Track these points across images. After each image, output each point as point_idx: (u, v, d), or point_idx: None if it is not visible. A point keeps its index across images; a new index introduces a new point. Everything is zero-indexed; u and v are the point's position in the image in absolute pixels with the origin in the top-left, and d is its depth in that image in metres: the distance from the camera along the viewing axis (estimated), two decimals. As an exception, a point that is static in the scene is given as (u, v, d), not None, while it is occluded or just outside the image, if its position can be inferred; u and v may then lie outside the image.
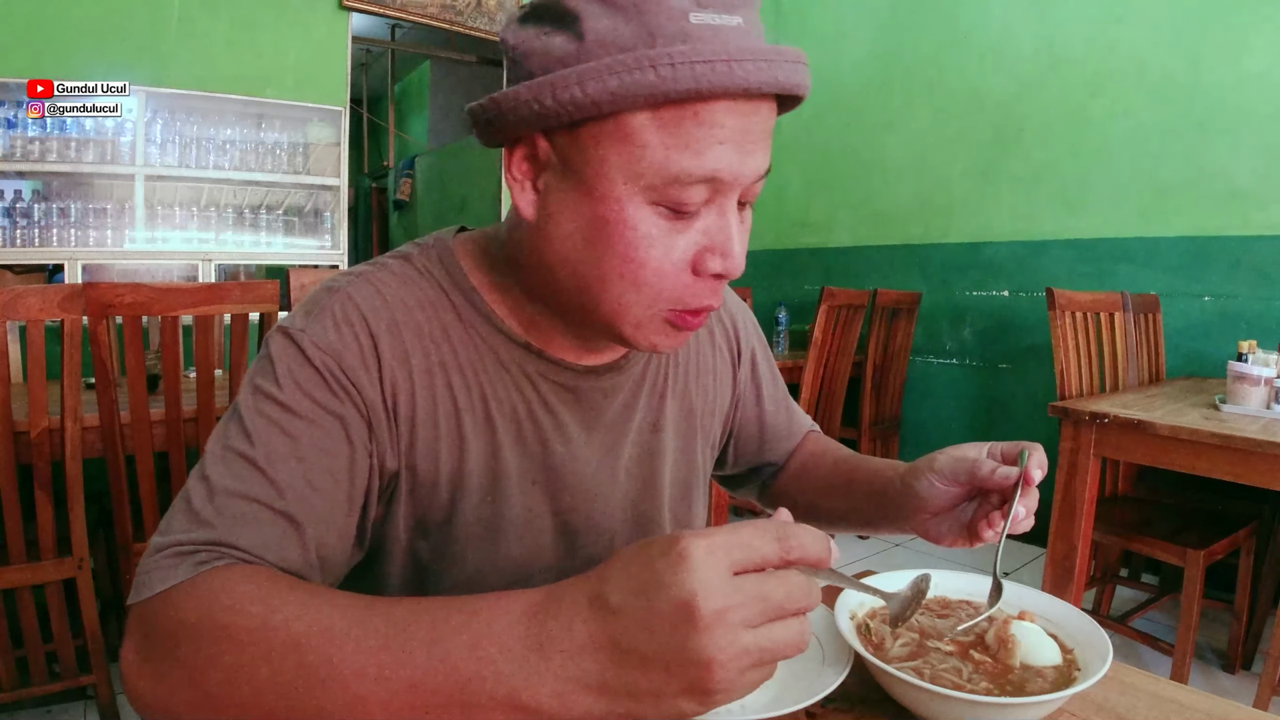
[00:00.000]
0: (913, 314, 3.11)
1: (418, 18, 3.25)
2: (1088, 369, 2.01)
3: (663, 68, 0.45)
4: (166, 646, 0.42)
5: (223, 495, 0.48)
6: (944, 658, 0.54)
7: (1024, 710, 0.48)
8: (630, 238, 0.49)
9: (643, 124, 0.47)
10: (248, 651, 0.40)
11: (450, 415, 0.57)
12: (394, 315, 0.55)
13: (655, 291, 0.51)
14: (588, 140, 0.49)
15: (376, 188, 7.27)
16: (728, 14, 0.47)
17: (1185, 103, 2.53)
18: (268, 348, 0.53)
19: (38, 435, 1.41)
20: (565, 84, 0.47)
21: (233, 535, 0.46)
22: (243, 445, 0.49)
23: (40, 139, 2.52)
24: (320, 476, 0.50)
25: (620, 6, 0.47)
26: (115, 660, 1.90)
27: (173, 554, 0.45)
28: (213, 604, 0.42)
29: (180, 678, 0.41)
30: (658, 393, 0.69)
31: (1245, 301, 2.43)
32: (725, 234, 0.51)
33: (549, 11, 0.49)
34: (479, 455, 0.58)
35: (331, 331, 0.53)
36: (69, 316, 1.39)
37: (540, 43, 0.49)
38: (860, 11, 3.55)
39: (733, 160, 0.49)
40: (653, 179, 0.48)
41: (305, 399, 0.51)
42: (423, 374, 0.56)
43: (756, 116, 0.49)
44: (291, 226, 3.11)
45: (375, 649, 0.38)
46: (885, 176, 3.45)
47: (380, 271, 0.58)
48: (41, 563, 1.45)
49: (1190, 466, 1.54)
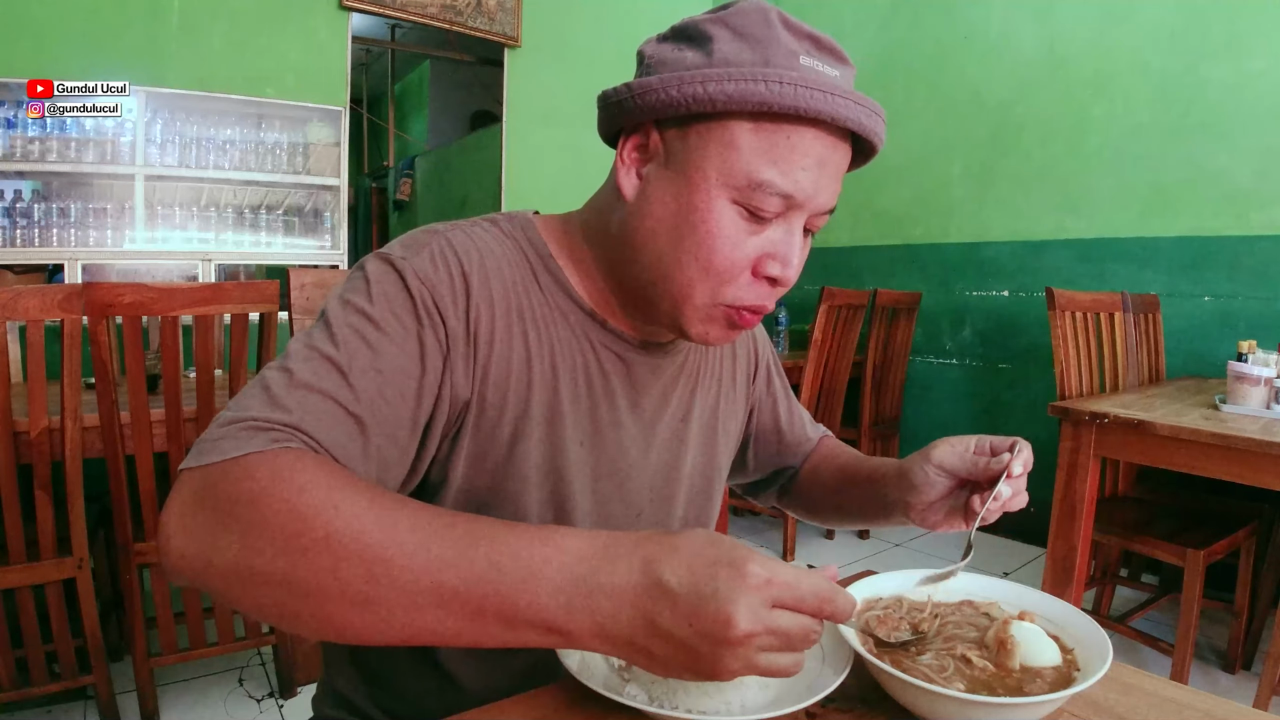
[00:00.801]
0: (913, 314, 3.11)
1: (418, 18, 3.25)
2: (1088, 369, 2.01)
3: (772, 83, 0.53)
4: (225, 508, 0.44)
5: (303, 388, 0.50)
6: (944, 658, 0.54)
7: (1024, 710, 0.48)
8: (711, 226, 0.57)
9: (744, 133, 0.55)
10: (310, 533, 0.42)
11: (522, 356, 0.62)
12: (484, 263, 0.61)
13: (720, 280, 0.58)
14: (694, 138, 0.57)
15: (376, 188, 7.27)
16: (831, 66, 0.57)
17: (1185, 103, 2.53)
18: (363, 269, 0.58)
19: (38, 435, 1.41)
20: (691, 81, 0.55)
21: (308, 424, 0.49)
22: (328, 348, 0.53)
23: (40, 139, 2.52)
24: (393, 391, 0.54)
25: (746, 37, 0.56)
26: (115, 660, 1.89)
27: (248, 427, 0.47)
28: (285, 480, 0.44)
29: (231, 542, 0.43)
30: (690, 387, 0.74)
31: (1245, 301, 2.43)
32: (789, 246, 0.59)
33: (686, 32, 0.59)
34: (541, 399, 0.63)
35: (428, 264, 0.58)
36: (69, 316, 1.39)
37: (674, 55, 0.58)
38: (860, 11, 3.55)
39: (809, 184, 0.57)
40: (740, 181, 0.56)
41: (394, 319, 0.55)
42: (503, 316, 0.61)
43: (836, 154, 0.58)
44: (291, 226, 3.10)
45: (437, 561, 0.41)
46: (885, 176, 3.45)
47: (473, 227, 0.64)
48: (41, 563, 1.45)
49: (1190, 466, 1.54)
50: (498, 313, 0.60)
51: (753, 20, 0.56)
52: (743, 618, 0.39)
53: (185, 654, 1.64)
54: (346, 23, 3.07)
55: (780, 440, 0.87)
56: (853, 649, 0.52)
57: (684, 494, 0.74)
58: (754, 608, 0.40)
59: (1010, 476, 0.62)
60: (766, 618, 0.40)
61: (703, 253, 0.57)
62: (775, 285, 0.60)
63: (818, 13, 3.74)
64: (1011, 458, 0.62)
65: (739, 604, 0.40)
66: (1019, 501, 0.63)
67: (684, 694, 0.50)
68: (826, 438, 0.92)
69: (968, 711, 0.48)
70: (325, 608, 0.42)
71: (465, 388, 0.59)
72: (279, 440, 0.47)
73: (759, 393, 0.86)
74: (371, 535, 0.41)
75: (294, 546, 0.41)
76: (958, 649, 0.55)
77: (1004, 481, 0.62)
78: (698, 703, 0.49)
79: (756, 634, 0.40)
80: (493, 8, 3.44)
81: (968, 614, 0.61)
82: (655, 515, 0.72)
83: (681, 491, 0.74)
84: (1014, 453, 0.63)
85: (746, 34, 0.56)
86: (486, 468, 0.62)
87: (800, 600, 0.42)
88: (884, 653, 0.54)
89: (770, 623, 0.40)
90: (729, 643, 0.40)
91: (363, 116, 6.54)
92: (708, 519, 0.79)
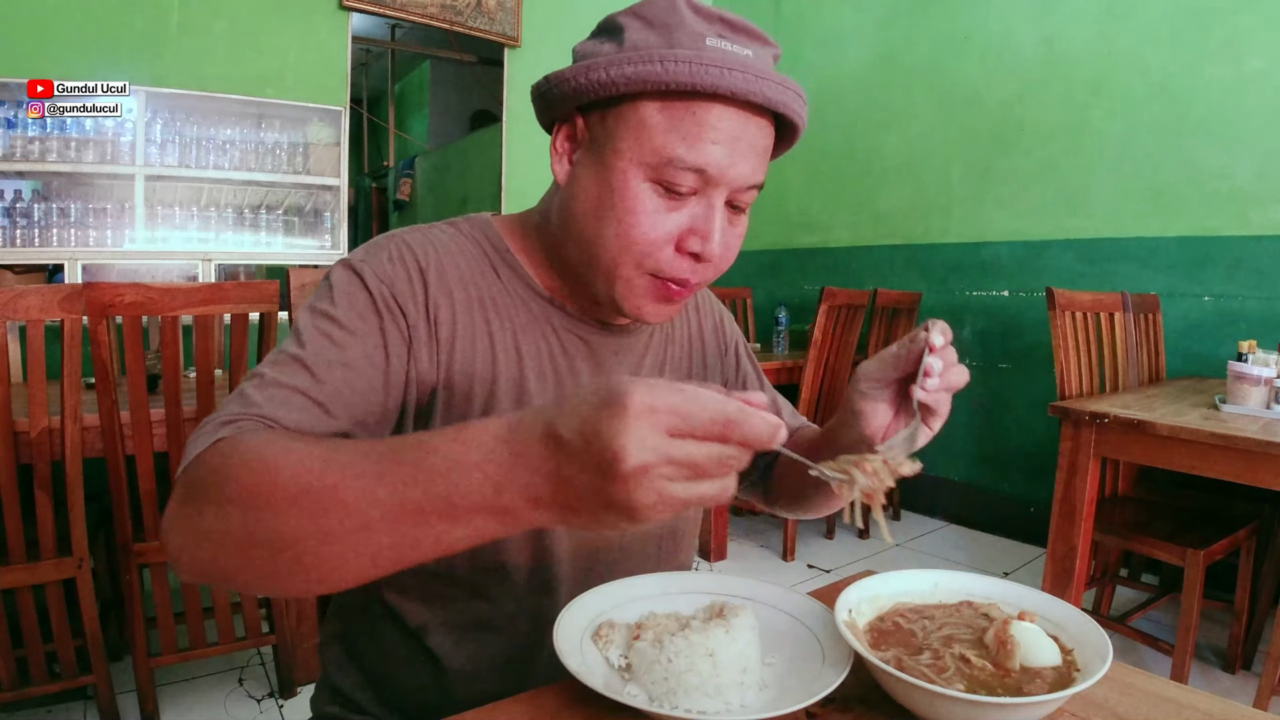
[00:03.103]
0: (913, 314, 3.11)
1: (418, 18, 3.25)
2: (1088, 369, 2.01)
3: (667, 63, 0.57)
4: (198, 492, 0.48)
5: (271, 385, 0.56)
6: (944, 658, 0.54)
7: (1024, 710, 0.48)
8: (630, 204, 0.60)
9: (652, 112, 0.59)
10: (266, 489, 0.45)
11: (485, 340, 0.66)
12: (441, 258, 0.66)
13: (641, 253, 0.61)
14: (611, 121, 0.61)
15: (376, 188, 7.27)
16: (741, 46, 0.60)
17: (1185, 103, 2.53)
18: (328, 278, 0.63)
19: (38, 435, 1.41)
20: (596, 67, 0.59)
21: (273, 412, 0.54)
22: (295, 349, 0.59)
23: (40, 139, 2.52)
24: (361, 382, 0.59)
25: (655, 24, 0.60)
26: (115, 660, 1.89)
27: (218, 424, 0.52)
28: (241, 452, 0.48)
29: (209, 520, 0.46)
30: (656, 367, 0.78)
31: (1245, 301, 2.43)
32: (709, 222, 0.61)
33: (605, 26, 0.63)
34: (507, 379, 0.66)
35: (386, 263, 0.63)
36: (69, 316, 1.39)
37: (594, 48, 0.62)
38: (860, 12, 3.55)
39: (720, 159, 0.59)
40: (652, 159, 0.59)
41: (357, 317, 0.61)
42: (463, 304, 0.66)
43: (749, 129, 0.60)
44: (291, 226, 3.10)
45: (374, 476, 0.43)
46: (885, 176, 3.45)
47: (430, 230, 0.69)
48: (41, 563, 1.45)
49: (1190, 466, 1.54)
50: (457, 301, 0.65)
51: (661, 9, 0.60)
52: (632, 450, 0.37)
53: (185, 654, 1.64)
54: (346, 23, 3.07)
55: None
56: (853, 649, 0.52)
57: None
58: (642, 437, 0.37)
59: (933, 350, 0.59)
60: (661, 446, 0.38)
61: (623, 229, 0.60)
62: (700, 260, 0.62)
63: (818, 13, 3.74)
64: (928, 333, 0.60)
65: (625, 436, 0.37)
66: (956, 374, 0.60)
67: (684, 694, 0.50)
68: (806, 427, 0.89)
69: (967, 711, 0.48)
70: (300, 554, 0.44)
71: (431, 373, 0.64)
72: (243, 428, 0.52)
73: (729, 369, 0.87)
74: (315, 474, 0.44)
75: (257, 504, 0.44)
76: (957, 649, 0.55)
77: (929, 355, 0.59)
78: (698, 703, 0.49)
79: (652, 464, 0.38)
80: (493, 8, 3.44)
81: (967, 614, 0.61)
82: None
83: None
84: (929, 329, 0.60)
85: (655, 21, 0.60)
86: None
87: (694, 425, 0.39)
88: (883, 653, 0.54)
89: (667, 452, 0.38)
90: (625, 477, 0.37)
91: (363, 116, 6.54)
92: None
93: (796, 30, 3.84)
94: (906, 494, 3.28)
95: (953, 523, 3.21)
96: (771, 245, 3.97)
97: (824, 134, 3.67)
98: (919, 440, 0.61)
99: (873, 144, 3.50)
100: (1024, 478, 3.01)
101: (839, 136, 3.62)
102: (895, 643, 0.56)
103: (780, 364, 2.80)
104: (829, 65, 3.66)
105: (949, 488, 3.24)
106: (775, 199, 3.87)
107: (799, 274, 3.86)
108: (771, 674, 0.55)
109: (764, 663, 0.55)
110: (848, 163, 3.60)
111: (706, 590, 0.64)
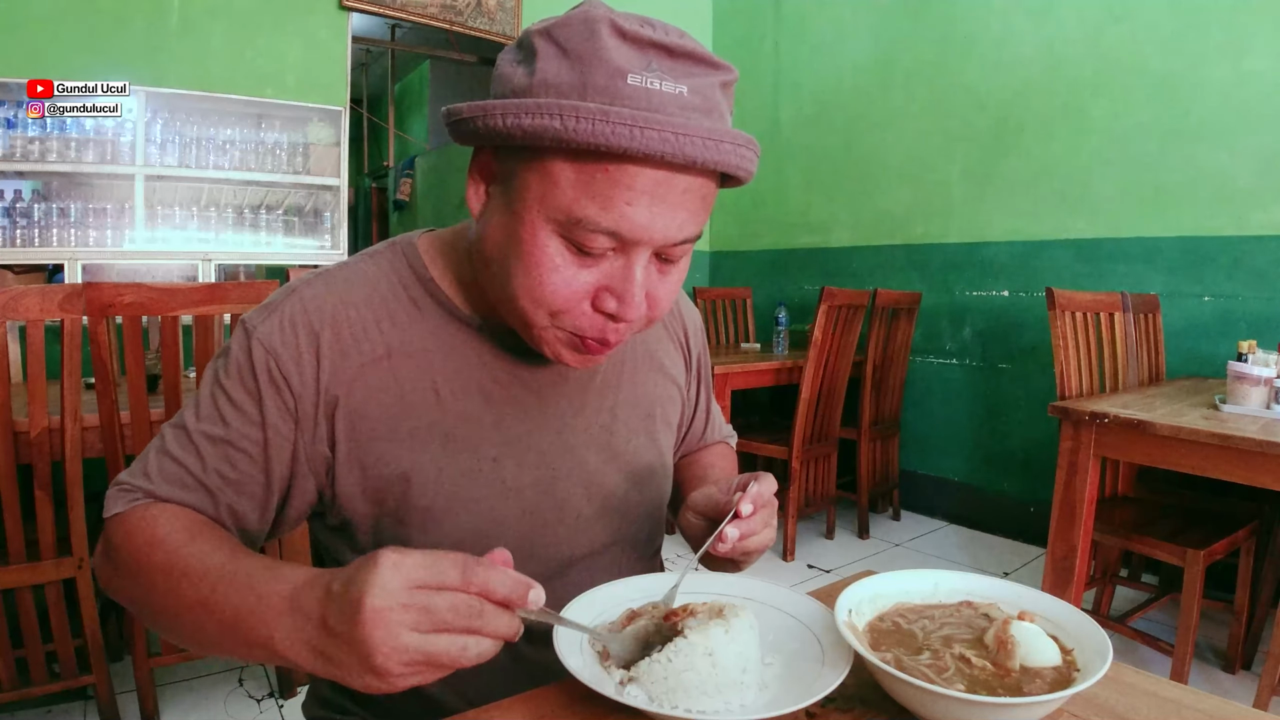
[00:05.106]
0: (913, 314, 3.11)
1: (418, 18, 3.25)
2: (1088, 369, 2.01)
3: (568, 118, 0.48)
4: (111, 555, 0.58)
5: (165, 457, 0.60)
6: (944, 658, 0.54)
7: (1024, 710, 0.48)
8: (536, 258, 0.54)
9: (561, 169, 0.51)
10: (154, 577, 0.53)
11: (395, 394, 0.62)
12: (342, 312, 0.62)
13: (552, 311, 0.56)
14: (519, 167, 0.54)
15: (376, 188, 7.27)
16: (673, 81, 0.50)
17: (1185, 103, 2.53)
18: (231, 337, 0.63)
19: (38, 435, 1.41)
20: (494, 112, 0.51)
21: (168, 494, 0.59)
22: (191, 419, 0.61)
23: (40, 139, 2.52)
24: (242, 458, 0.60)
25: (570, 55, 0.50)
26: (115, 660, 1.89)
27: (119, 490, 0.60)
28: (137, 536, 0.56)
29: (124, 577, 0.56)
30: (611, 384, 0.73)
31: (1245, 301, 2.43)
32: (627, 282, 0.55)
33: (522, 45, 0.54)
34: (430, 428, 0.63)
35: (276, 332, 0.60)
36: (69, 316, 1.39)
37: (509, 70, 0.54)
38: (860, 12, 3.55)
39: (638, 221, 0.52)
40: (560, 217, 0.52)
41: (241, 390, 0.60)
42: (369, 360, 0.62)
43: (674, 185, 0.52)
44: (291, 226, 3.10)
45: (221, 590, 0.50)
46: (885, 176, 3.45)
47: (342, 270, 0.65)
48: (41, 563, 1.45)
49: (1190, 466, 1.54)
50: (361, 358, 0.62)
51: (577, 34, 0.50)
52: (370, 595, 0.41)
53: (185, 654, 1.64)
54: (346, 23, 3.07)
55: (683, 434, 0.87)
56: (853, 649, 0.52)
57: (626, 486, 0.73)
58: (385, 585, 0.41)
59: (740, 516, 0.58)
60: (401, 595, 0.41)
61: (530, 283, 0.55)
62: (616, 320, 0.56)
63: (818, 13, 3.74)
64: (742, 497, 0.59)
65: (366, 584, 0.41)
66: (758, 541, 0.60)
67: (684, 694, 0.50)
68: (722, 443, 0.90)
69: (967, 711, 0.48)
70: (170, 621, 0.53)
71: (325, 442, 0.62)
72: (137, 500, 0.59)
73: (692, 380, 0.85)
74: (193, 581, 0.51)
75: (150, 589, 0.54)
76: (957, 649, 0.55)
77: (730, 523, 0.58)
78: (697, 703, 0.49)
79: (389, 608, 0.40)
80: (493, 8, 3.44)
81: (967, 614, 0.61)
82: (598, 511, 0.71)
83: (624, 484, 0.73)
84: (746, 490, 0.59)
85: (570, 51, 0.50)
86: (389, 507, 0.63)
87: (440, 575, 0.42)
88: (883, 653, 0.54)
89: (407, 599, 0.41)
90: (363, 621, 0.41)
91: (363, 116, 6.55)
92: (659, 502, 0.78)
93: (797, 31, 3.84)
94: (907, 494, 3.28)
95: (953, 523, 3.21)
96: (771, 245, 3.97)
97: (824, 134, 3.67)
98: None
99: (873, 144, 3.50)
100: (1024, 478, 3.01)
101: (839, 137, 3.62)
102: (895, 643, 0.56)
103: (780, 364, 2.80)
104: (829, 65, 3.66)
105: (949, 488, 3.24)
106: (775, 199, 3.87)
107: (799, 274, 3.86)
108: (771, 674, 0.55)
109: (764, 663, 0.55)
110: (848, 163, 3.60)
111: (707, 590, 0.64)
